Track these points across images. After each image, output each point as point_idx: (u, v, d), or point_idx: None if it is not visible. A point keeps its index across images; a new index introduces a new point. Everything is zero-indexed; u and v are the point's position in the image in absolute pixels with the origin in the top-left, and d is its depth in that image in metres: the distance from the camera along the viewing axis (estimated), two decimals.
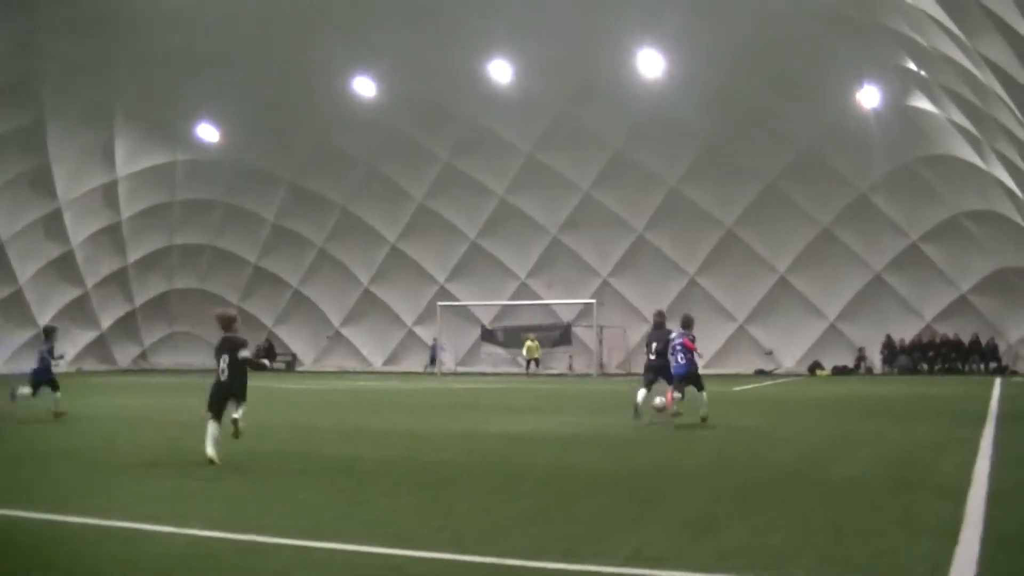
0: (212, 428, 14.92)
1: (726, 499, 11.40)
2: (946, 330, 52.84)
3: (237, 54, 47.85)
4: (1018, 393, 33.72)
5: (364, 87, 52.10)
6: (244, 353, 15.67)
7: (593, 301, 56.77)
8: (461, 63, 48.78)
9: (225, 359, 15.60)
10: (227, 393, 15.37)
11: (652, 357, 22.33)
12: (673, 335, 22.27)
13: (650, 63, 47.09)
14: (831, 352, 54.60)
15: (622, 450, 16.95)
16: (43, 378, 24.34)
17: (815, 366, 53.43)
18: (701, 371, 22.38)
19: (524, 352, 57.07)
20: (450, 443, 18.04)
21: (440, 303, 59.53)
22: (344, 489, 12.50)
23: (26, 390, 24.23)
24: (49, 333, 25.94)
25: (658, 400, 20.91)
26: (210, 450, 14.66)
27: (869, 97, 45.74)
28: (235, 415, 15.23)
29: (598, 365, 57.07)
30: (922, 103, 43.36)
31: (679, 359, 21.59)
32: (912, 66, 39.35)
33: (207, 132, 58.79)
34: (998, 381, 41.71)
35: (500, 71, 49.60)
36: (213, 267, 66.90)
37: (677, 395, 21.32)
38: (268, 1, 44.40)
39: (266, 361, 18.27)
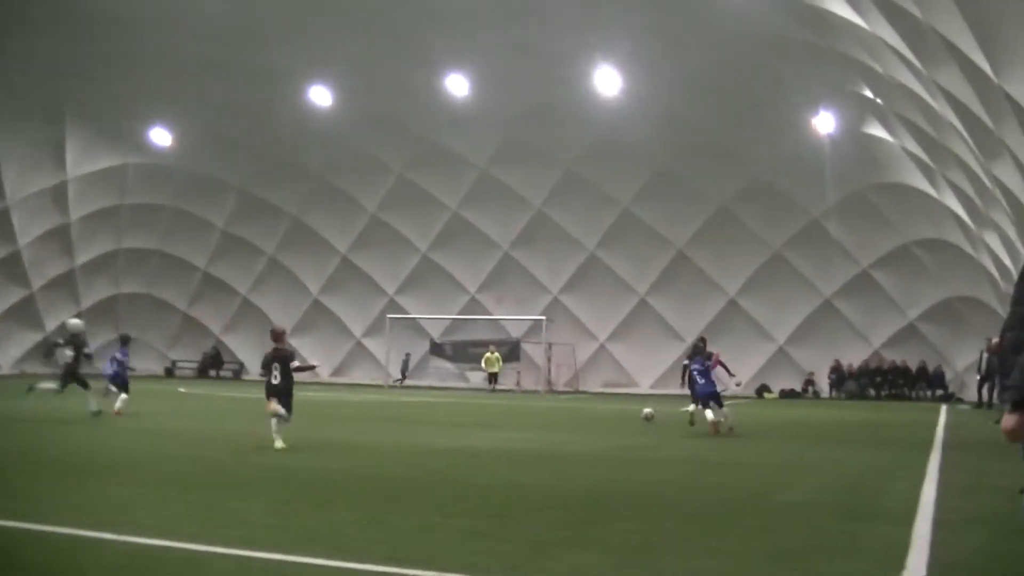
0: (274, 423, 18.86)
1: (665, 523, 11.25)
2: (894, 356, 53.14)
3: (193, 59, 47.45)
4: (964, 420, 33.83)
5: (320, 97, 51.79)
6: (295, 363, 19.67)
7: (543, 318, 56.74)
8: (417, 77, 48.59)
9: (277, 367, 19.44)
10: (278, 392, 19.24)
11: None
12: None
13: (606, 82, 47.05)
14: (779, 375, 54.74)
15: (564, 469, 16.80)
16: (118, 381, 27.22)
17: (763, 389, 53.51)
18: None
19: (483, 364, 56.36)
20: (391, 457, 17.88)
21: (390, 315, 59.37)
22: (280, 500, 12.38)
23: (50, 385, 27.07)
24: (126, 341, 27.35)
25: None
26: (278, 443, 18.41)
27: (824, 123, 45.86)
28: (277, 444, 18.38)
29: (546, 382, 56.97)
30: (877, 131, 43.51)
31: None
32: (868, 93, 39.45)
33: (160, 136, 58.31)
34: (944, 408, 41.96)
35: (456, 86, 49.42)
36: (161, 272, 66.47)
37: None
38: (226, 7, 44.02)
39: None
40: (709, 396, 24.95)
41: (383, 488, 13.84)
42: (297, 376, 19.46)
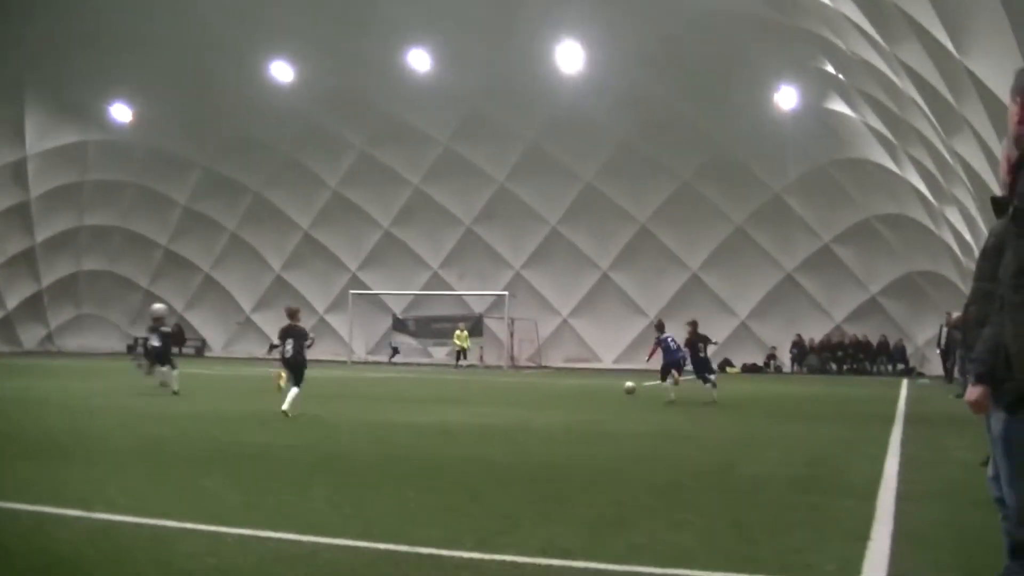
0: (291, 392, 20.85)
1: (633, 497, 11.30)
2: (855, 331, 53.48)
3: (153, 34, 47.23)
4: (924, 395, 34.10)
5: (281, 72, 51.57)
6: (309, 341, 22.04)
7: (505, 293, 56.80)
8: (379, 52, 48.45)
9: (291, 342, 21.61)
10: (289, 364, 21.53)
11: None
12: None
13: (569, 58, 47.03)
14: (741, 350, 55.00)
15: (531, 444, 16.85)
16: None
17: (725, 364, 53.71)
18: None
19: (455, 340, 56.32)
20: (360, 433, 17.90)
21: (352, 291, 59.31)
22: (252, 477, 12.39)
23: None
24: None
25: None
26: (286, 405, 20.37)
27: (786, 99, 45.98)
28: (284, 406, 20.38)
29: (509, 357, 57.03)
30: (839, 106, 43.69)
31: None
32: (830, 69, 39.61)
33: (120, 112, 57.99)
34: (905, 382, 42.32)
35: (418, 61, 49.30)
36: (123, 249, 66.26)
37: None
38: None
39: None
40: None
41: (354, 464, 13.87)
42: (256, 352, 20.28)
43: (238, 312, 65.31)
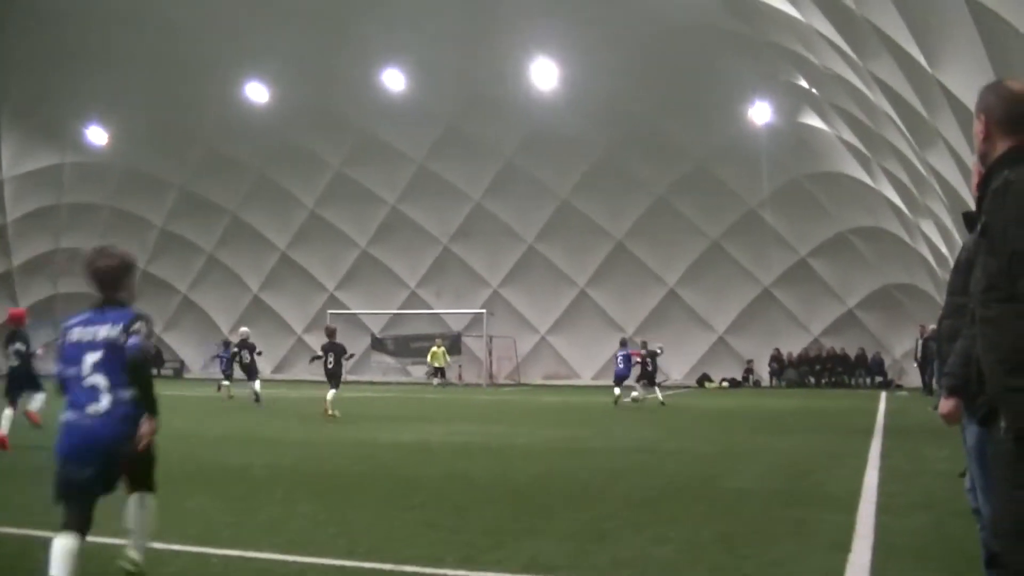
0: (330, 394, 27.21)
1: (616, 511, 11.37)
2: (833, 344, 53.65)
3: (128, 54, 47.12)
4: (903, 407, 34.23)
5: (256, 93, 51.59)
6: (347, 356, 29.78)
7: (483, 311, 56.75)
8: (354, 71, 48.46)
9: (332, 355, 28.59)
10: (330, 375, 28.37)
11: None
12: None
13: (543, 74, 47.14)
14: (720, 365, 55.12)
15: (512, 460, 16.92)
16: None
17: (704, 378, 53.82)
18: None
19: (428, 359, 54.57)
20: (342, 452, 17.91)
21: (330, 311, 59.25)
22: (235, 497, 12.42)
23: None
24: (227, 344, 33.80)
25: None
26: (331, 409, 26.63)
27: (760, 113, 46.13)
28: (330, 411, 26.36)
29: (488, 375, 57.03)
30: (812, 120, 43.85)
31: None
32: (803, 83, 39.78)
33: (96, 134, 57.90)
34: (883, 395, 42.42)
35: (393, 80, 49.33)
36: None
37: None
38: (160, 2, 43.83)
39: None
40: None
41: (337, 483, 13.87)
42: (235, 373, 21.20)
43: (216, 333, 65.17)
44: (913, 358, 43.73)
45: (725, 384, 53.95)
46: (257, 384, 33.99)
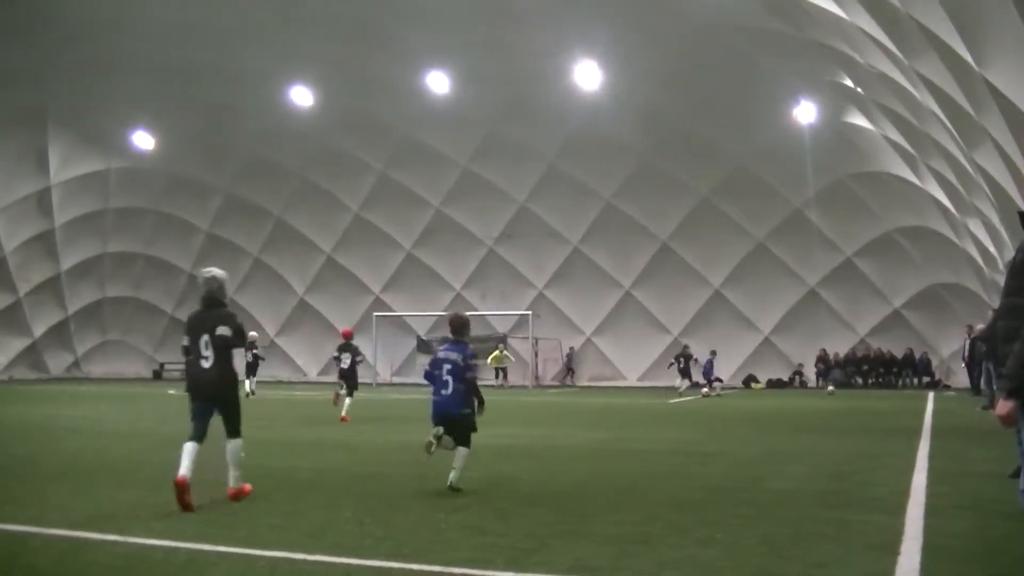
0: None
1: (659, 514, 11.33)
2: (880, 344, 53.32)
3: (173, 61, 47.40)
4: (950, 407, 33.90)
5: (301, 97, 51.79)
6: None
7: (529, 312, 56.76)
8: (397, 75, 48.56)
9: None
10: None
11: None
12: None
13: (587, 77, 47.08)
14: (766, 365, 54.92)
15: (556, 463, 16.87)
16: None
17: (750, 379, 53.64)
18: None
19: (489, 361, 54.80)
20: (385, 455, 17.92)
21: (375, 313, 59.40)
22: (281, 500, 12.43)
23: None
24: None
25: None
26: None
27: (804, 113, 45.92)
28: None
29: (533, 377, 57.03)
30: (857, 120, 43.61)
31: None
32: (848, 83, 39.56)
33: (142, 139, 58.31)
34: (931, 395, 42.13)
35: (437, 83, 49.41)
36: (147, 275, 66.50)
37: None
38: (204, 9, 43.98)
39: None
40: None
41: (382, 486, 13.92)
42: (281, 375, 20.73)
43: (262, 336, 65.43)
44: (961, 358, 43.42)
45: (758, 385, 53.64)
46: (250, 383, 42.68)
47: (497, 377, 55.50)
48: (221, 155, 58.01)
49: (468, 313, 14.52)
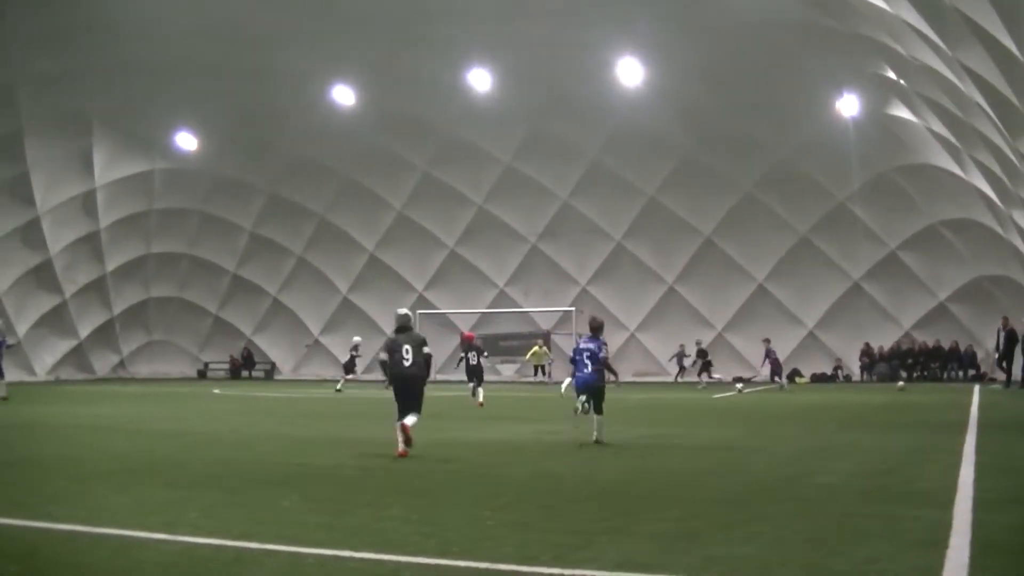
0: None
1: (704, 510, 11.34)
2: (925, 338, 52.98)
3: (215, 62, 47.60)
4: (997, 400, 33.71)
5: (343, 96, 51.95)
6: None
7: (572, 309, 56.68)
8: (439, 73, 48.69)
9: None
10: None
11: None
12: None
13: (629, 73, 47.08)
14: (810, 360, 54.63)
15: (600, 459, 16.84)
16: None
17: (794, 374, 53.41)
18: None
19: (528, 357, 55.64)
20: (431, 452, 17.87)
21: (419, 311, 59.45)
22: (326, 498, 12.48)
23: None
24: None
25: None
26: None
27: (848, 106, 45.74)
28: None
29: None
30: (901, 112, 43.42)
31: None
32: (891, 75, 39.40)
33: (185, 141, 58.62)
34: (977, 388, 41.73)
35: (479, 80, 49.50)
36: (191, 276, 66.74)
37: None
38: (246, 9, 44.21)
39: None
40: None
41: (426, 483, 13.92)
42: (325, 374, 20.71)
43: (306, 335, 65.63)
44: (995, 350, 43.23)
45: (803, 380, 53.34)
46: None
47: (536, 373, 55.48)
48: (264, 155, 58.19)
49: (511, 310, 14.63)
